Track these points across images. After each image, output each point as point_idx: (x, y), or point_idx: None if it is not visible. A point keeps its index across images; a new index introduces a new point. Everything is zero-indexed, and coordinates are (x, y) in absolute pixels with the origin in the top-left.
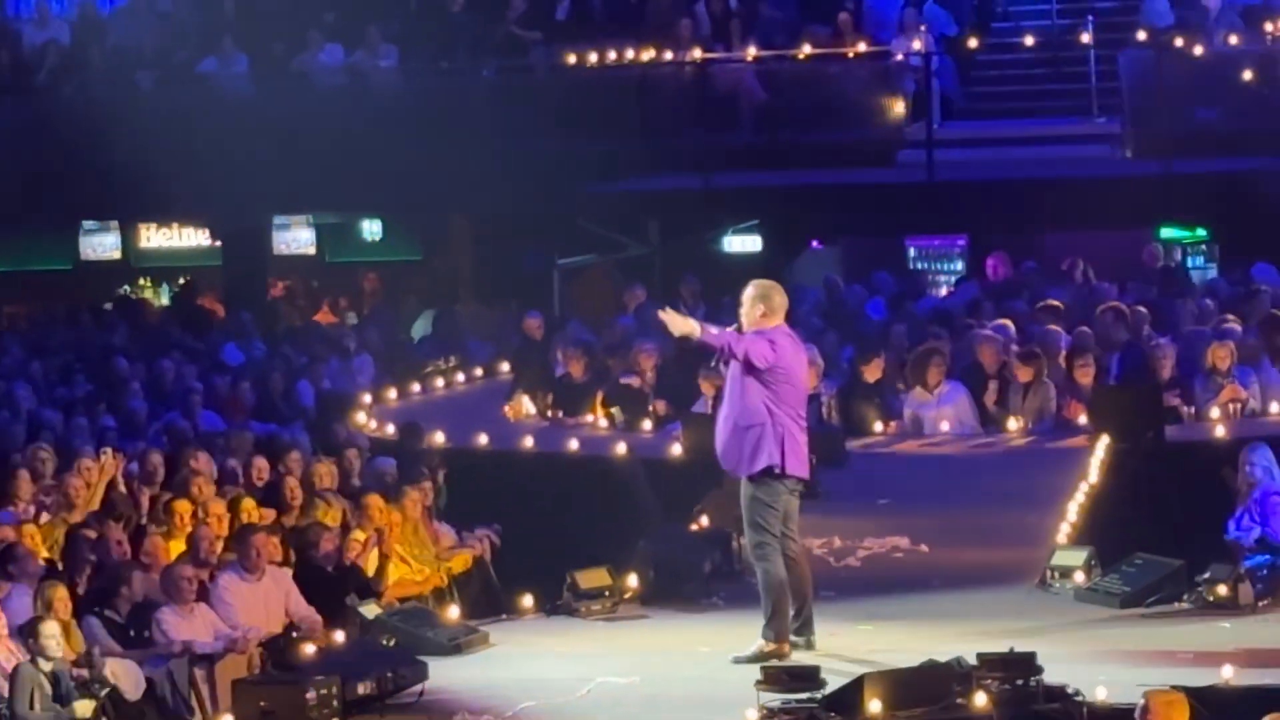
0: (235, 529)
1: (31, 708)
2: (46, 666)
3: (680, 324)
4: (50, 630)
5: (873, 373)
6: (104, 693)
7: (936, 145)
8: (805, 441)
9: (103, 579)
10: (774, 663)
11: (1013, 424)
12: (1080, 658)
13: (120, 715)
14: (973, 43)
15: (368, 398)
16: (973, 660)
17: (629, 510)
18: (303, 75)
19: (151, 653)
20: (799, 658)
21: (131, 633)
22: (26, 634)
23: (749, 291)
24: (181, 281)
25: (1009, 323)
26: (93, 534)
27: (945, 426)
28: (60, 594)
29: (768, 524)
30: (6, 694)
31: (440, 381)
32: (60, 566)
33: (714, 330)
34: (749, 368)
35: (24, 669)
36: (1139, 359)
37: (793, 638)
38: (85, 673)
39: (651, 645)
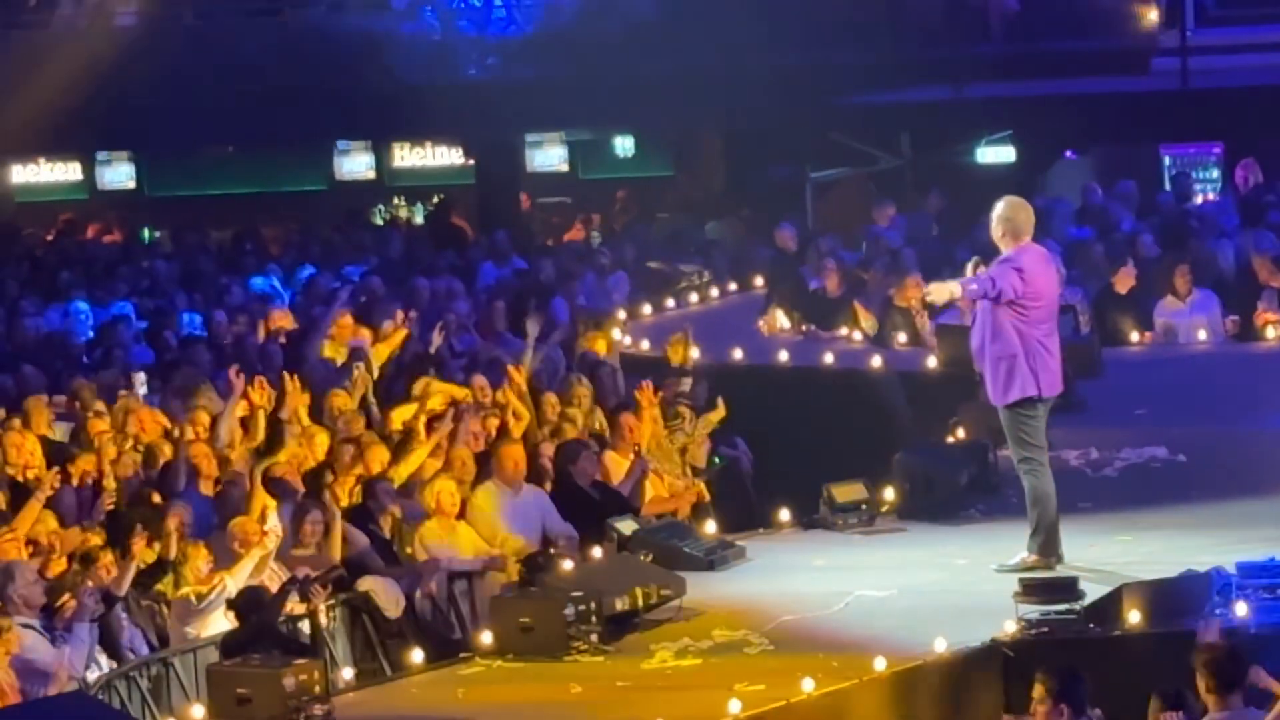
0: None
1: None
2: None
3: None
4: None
5: (1124, 282)
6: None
7: (1190, 52)
8: (1058, 352)
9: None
10: (1034, 574)
11: (1270, 332)
12: None
13: (380, 633)
14: None
15: (622, 314)
16: (1232, 570)
17: (885, 423)
18: None
19: (410, 569)
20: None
21: (394, 549)
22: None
23: (995, 211)
24: (435, 200)
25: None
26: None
27: (1201, 335)
28: (313, 516)
29: (1032, 438)
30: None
31: (694, 296)
32: None
33: (973, 286)
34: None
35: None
36: None
37: None
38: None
39: (908, 558)
